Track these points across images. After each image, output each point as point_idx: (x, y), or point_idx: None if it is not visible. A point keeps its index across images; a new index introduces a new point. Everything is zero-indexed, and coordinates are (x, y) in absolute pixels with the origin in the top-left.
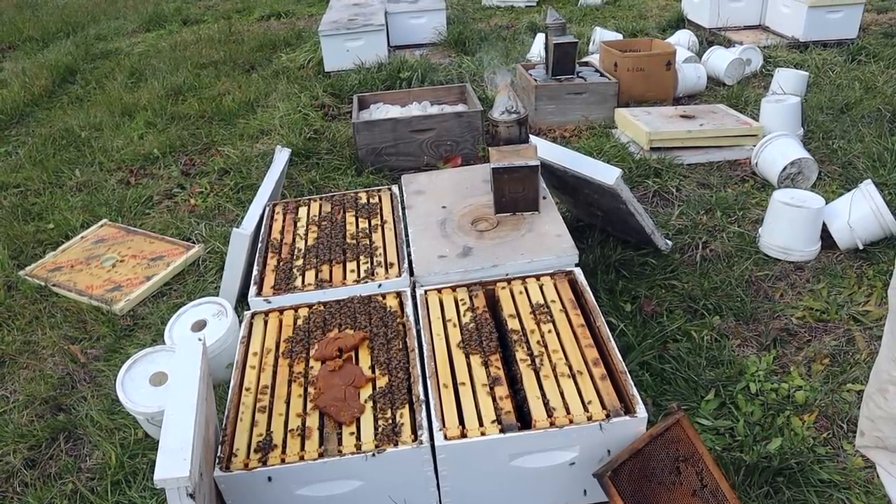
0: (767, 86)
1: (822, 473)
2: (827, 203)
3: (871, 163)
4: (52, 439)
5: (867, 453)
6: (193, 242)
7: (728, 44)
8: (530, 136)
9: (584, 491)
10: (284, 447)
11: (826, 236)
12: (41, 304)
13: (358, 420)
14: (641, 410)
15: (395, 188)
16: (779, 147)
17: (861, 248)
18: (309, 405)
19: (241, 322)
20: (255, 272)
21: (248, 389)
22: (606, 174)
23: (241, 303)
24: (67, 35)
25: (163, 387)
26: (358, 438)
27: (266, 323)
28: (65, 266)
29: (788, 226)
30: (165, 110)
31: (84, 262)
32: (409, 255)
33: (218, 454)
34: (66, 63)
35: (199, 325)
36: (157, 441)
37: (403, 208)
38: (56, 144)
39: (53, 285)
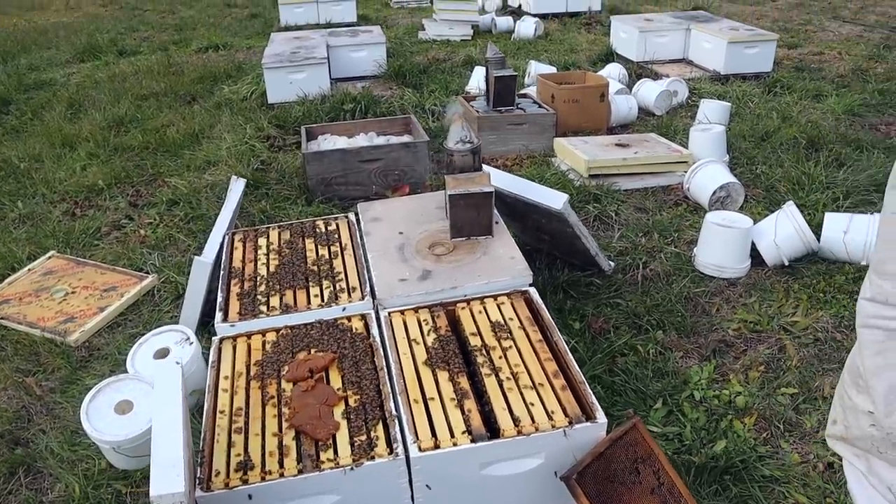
0: (693, 115)
1: (764, 470)
2: (754, 223)
3: (792, 186)
4: (11, 474)
5: (834, 447)
6: (147, 273)
7: (655, 76)
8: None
9: (552, 495)
10: (263, 466)
11: (755, 254)
12: None
13: (334, 437)
14: (601, 416)
15: (351, 216)
16: (708, 173)
17: (787, 264)
18: (285, 425)
19: (203, 349)
20: (219, 299)
21: (222, 412)
22: (554, 199)
23: (201, 331)
24: None
25: (129, 415)
26: (335, 454)
27: (234, 348)
28: (13, 299)
29: (722, 245)
30: (108, 142)
31: (33, 294)
32: (370, 279)
33: (198, 475)
34: None
35: (162, 353)
36: (122, 470)
37: (361, 235)
38: None
39: (2, 318)
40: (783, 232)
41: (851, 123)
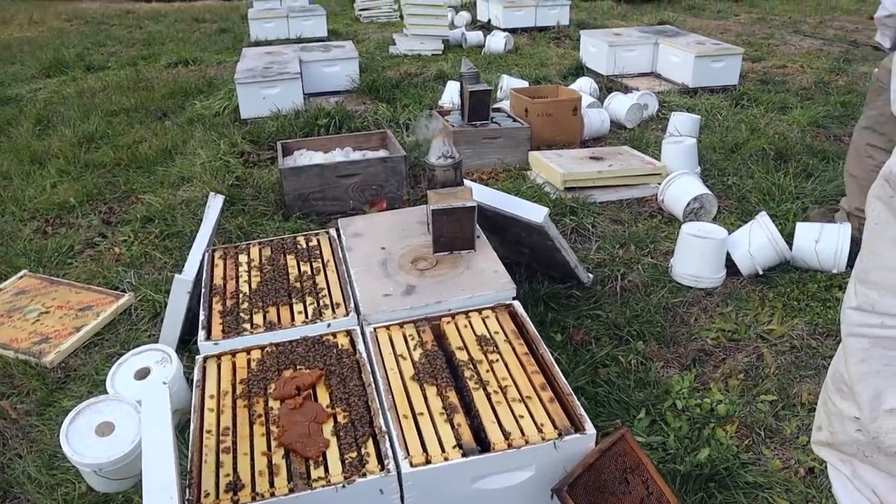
0: (664, 128)
1: (747, 477)
2: (729, 234)
3: (763, 196)
4: None
5: (819, 452)
6: (123, 291)
7: (626, 90)
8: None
9: None
10: (254, 486)
11: (730, 264)
12: None
13: (324, 454)
14: (590, 428)
15: (332, 231)
16: (682, 184)
17: (761, 273)
18: (273, 443)
19: (185, 368)
20: (201, 317)
21: (209, 432)
22: (535, 213)
23: (181, 349)
24: None
25: (110, 437)
26: (326, 472)
27: (219, 366)
28: None
29: (698, 256)
30: (79, 158)
31: (5, 314)
32: (354, 295)
33: (187, 497)
34: None
35: (143, 373)
36: (104, 494)
37: (343, 250)
38: None
39: None
40: (757, 242)
41: (816, 135)
